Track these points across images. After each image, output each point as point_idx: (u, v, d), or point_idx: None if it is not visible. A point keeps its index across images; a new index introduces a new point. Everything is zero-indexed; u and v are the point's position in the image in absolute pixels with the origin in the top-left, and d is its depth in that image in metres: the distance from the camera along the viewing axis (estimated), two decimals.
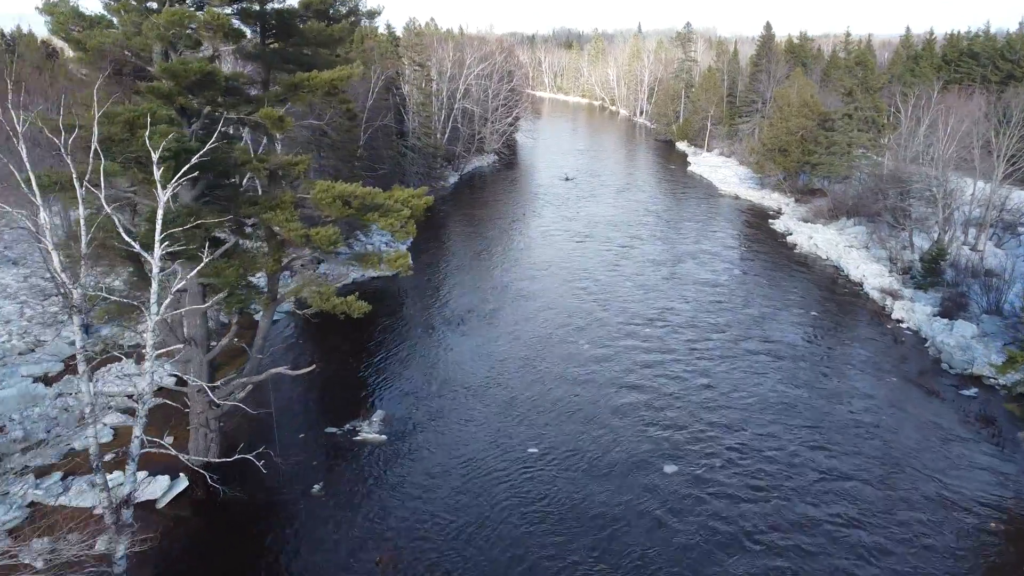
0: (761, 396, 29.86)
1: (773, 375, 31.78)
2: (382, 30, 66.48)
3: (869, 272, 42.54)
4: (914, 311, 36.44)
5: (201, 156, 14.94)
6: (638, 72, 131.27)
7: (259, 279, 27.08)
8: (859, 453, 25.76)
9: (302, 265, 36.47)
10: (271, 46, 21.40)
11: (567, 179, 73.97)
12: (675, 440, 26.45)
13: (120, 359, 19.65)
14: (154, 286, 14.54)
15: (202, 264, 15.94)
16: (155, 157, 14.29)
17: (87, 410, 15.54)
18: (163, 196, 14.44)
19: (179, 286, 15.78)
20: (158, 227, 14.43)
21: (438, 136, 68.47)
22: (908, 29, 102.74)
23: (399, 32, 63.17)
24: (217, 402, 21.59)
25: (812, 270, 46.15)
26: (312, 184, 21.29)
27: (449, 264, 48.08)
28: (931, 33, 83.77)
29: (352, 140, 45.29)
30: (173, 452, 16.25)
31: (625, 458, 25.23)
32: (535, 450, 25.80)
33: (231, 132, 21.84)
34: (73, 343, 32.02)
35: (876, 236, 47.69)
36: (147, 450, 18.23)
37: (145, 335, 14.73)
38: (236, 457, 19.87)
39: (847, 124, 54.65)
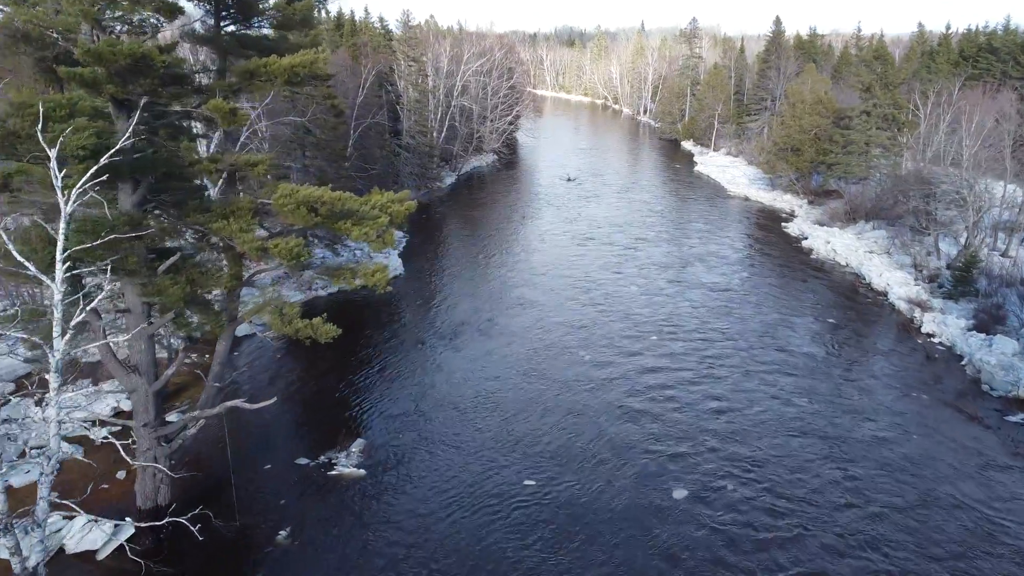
0: (777, 413, 27.29)
1: (790, 389, 29.20)
2: (375, 23, 63.48)
3: (893, 280, 39.58)
4: (946, 324, 33.48)
5: (112, 156, 12.06)
6: (642, 70, 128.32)
7: (219, 297, 24.21)
8: (887, 479, 23.16)
9: (276, 280, 33.62)
10: (226, 28, 18.53)
11: (569, 180, 71.07)
12: (685, 463, 23.93)
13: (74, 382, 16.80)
14: (56, 315, 11.68)
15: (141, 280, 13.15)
16: (52, 156, 11.43)
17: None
18: (67, 206, 11.59)
19: (94, 306, 12.90)
20: (59, 244, 11.57)
21: (434, 135, 65.58)
22: (920, 25, 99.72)
23: (392, 26, 60.44)
24: (165, 439, 18.78)
25: (830, 277, 43.20)
26: (273, 188, 18.43)
27: (443, 270, 45.22)
28: (948, 28, 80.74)
29: (339, 138, 42.47)
30: (91, 516, 13.35)
31: (631, 485, 22.65)
32: (532, 482, 22.99)
33: (185, 127, 18.98)
34: (28, 360, 29.30)
35: (898, 241, 44.75)
36: (70, 501, 15.41)
37: (49, 375, 11.86)
38: (188, 514, 16.99)
39: (865, 122, 51.68)
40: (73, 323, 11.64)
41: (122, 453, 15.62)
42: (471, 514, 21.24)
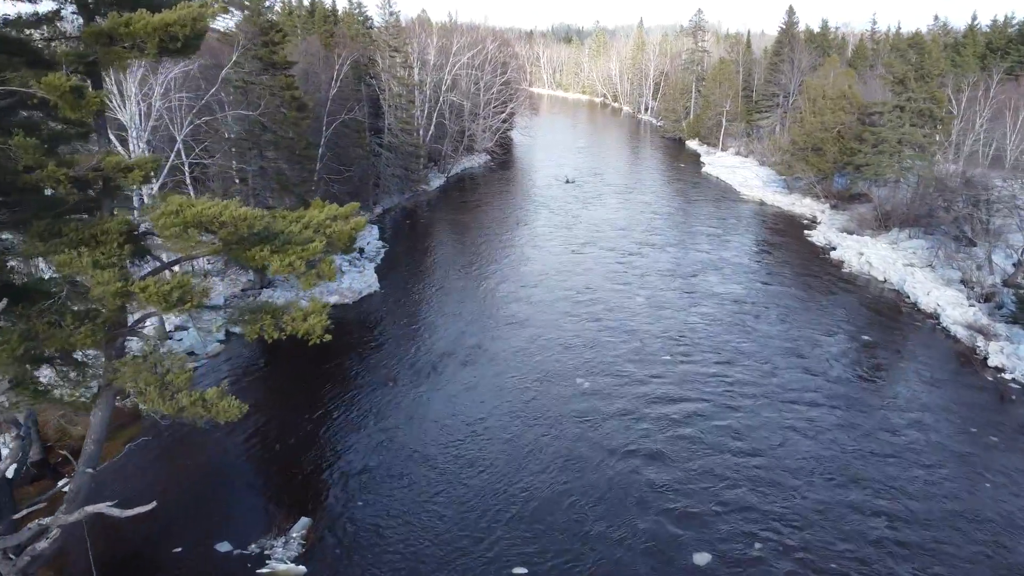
0: (812, 455, 22.78)
1: (826, 424, 24.66)
2: (352, 9, 57.62)
3: (944, 300, 34.20)
4: (1019, 358, 28.14)
5: None
6: (643, 66, 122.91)
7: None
8: (956, 541, 18.70)
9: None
10: None
11: (568, 181, 65.64)
12: (707, 522, 19.53)
13: None
14: None
15: None
16: None
17: None
18: None
19: None
20: None
21: (420, 133, 60.09)
22: (937, 17, 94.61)
23: (372, 12, 54.89)
24: (13, 551, 13.33)
25: (866, 293, 37.82)
26: (164, 199, 13.00)
27: (426, 284, 39.74)
28: (974, 19, 75.48)
29: (305, 136, 36.90)
30: None
31: (645, 555, 18.14)
32: (524, 570, 17.73)
33: (27, 117, 13.46)
34: None
35: (942, 253, 39.39)
36: None
37: None
38: None
39: (898, 118, 46.32)
40: None
41: None
42: None
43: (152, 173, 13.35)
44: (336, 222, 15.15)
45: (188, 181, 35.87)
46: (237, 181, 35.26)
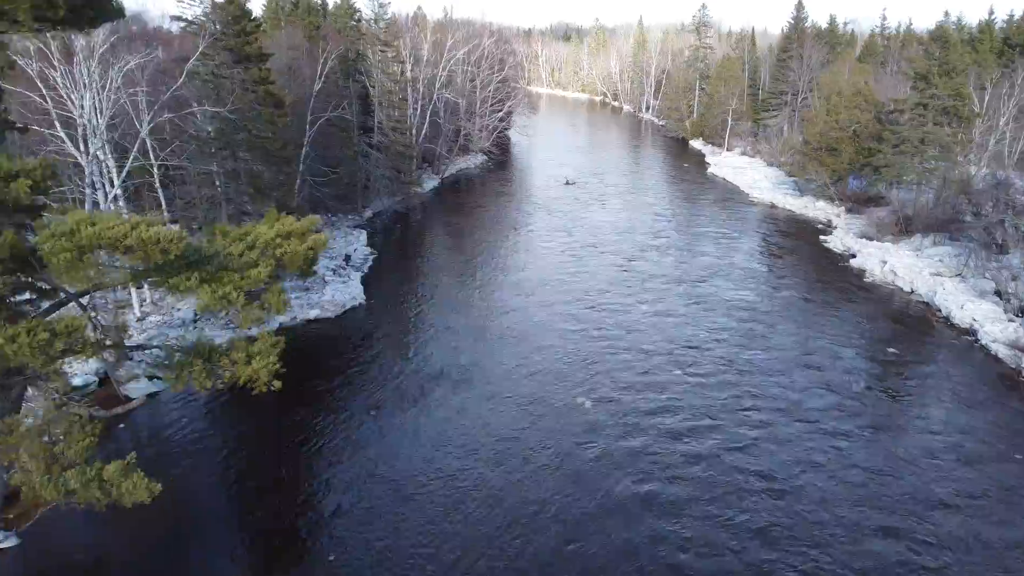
0: (845, 488, 20.11)
1: (855, 449, 22.28)
2: (341, 1, 54.39)
3: (981, 314, 31.34)
4: None
5: None
6: (644, 64, 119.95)
7: None
8: None
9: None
10: None
11: (568, 183, 62.73)
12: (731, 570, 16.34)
13: None
14: None
15: None
16: None
17: None
18: None
19: None
20: None
21: (412, 132, 57.14)
22: (946, 13, 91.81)
23: (361, 5, 51.79)
24: None
25: (891, 306, 34.97)
26: (64, 212, 10.10)
27: (417, 294, 36.85)
28: (991, 14, 72.54)
29: (281, 135, 33.87)
30: None
31: None
32: None
33: None
34: None
35: (972, 261, 36.53)
36: None
37: None
38: None
39: (920, 116, 43.47)
40: None
41: None
42: None
43: (47, 182, 10.43)
44: (289, 241, 12.34)
45: (158, 184, 33.05)
46: (217, 184, 32.37)
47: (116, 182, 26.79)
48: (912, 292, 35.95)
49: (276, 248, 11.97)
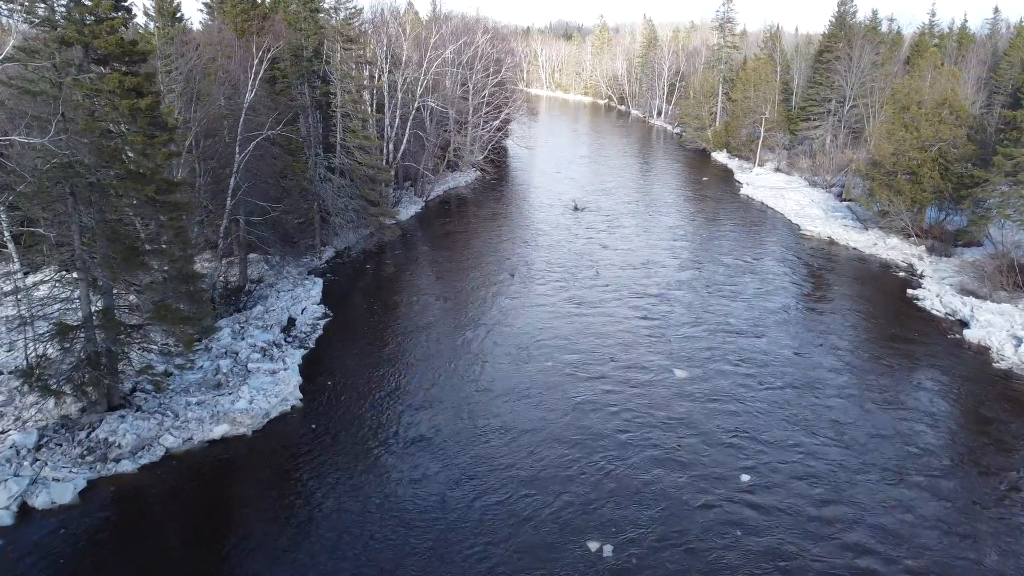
0: None
1: None
2: None
3: None
4: None
5: None
6: (655, 64, 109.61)
7: None
8: None
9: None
10: None
11: (576, 209, 52.40)
12: None
13: None
14: None
15: None
16: None
17: None
18: None
19: None
20: None
21: (388, 148, 46.85)
22: (996, 10, 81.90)
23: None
24: None
25: None
26: None
27: (380, 381, 26.41)
28: None
29: (177, 166, 23.49)
30: None
31: None
32: None
33: None
34: None
35: None
36: None
37: None
38: None
39: None
40: None
41: None
42: None
43: None
44: None
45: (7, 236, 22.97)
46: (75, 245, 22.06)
47: None
48: None
49: None
